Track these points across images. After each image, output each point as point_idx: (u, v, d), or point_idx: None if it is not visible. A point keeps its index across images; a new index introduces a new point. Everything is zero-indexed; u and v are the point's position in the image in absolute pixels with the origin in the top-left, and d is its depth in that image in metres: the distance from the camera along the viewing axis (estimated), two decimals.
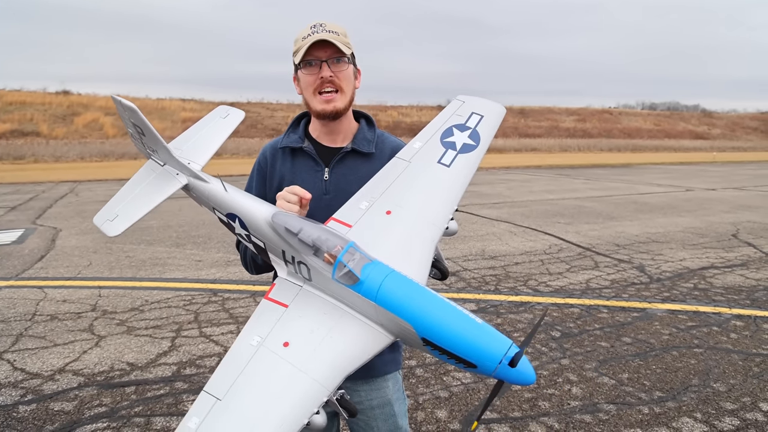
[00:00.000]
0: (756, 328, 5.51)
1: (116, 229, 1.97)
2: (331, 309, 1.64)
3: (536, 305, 6.18)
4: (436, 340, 1.51)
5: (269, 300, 1.71)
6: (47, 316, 5.87)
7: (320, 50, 1.93)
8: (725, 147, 58.20)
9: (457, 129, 2.02)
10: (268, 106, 57.61)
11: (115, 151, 36.72)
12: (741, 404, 4.00)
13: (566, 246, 9.40)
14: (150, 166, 2.07)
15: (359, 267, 1.58)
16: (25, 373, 4.52)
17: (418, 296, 1.55)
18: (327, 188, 2.05)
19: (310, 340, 1.58)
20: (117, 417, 3.85)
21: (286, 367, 1.53)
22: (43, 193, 17.77)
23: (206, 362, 4.72)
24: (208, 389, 1.51)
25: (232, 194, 1.88)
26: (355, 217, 1.83)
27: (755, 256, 8.67)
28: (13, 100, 46.28)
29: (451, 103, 2.14)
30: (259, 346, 1.58)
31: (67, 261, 8.40)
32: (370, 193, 1.89)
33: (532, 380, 1.48)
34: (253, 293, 6.65)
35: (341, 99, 1.99)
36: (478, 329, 1.49)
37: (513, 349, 1.46)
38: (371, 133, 2.13)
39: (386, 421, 2.14)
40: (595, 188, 19.19)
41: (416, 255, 1.74)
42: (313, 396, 1.47)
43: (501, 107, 2.13)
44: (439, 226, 1.81)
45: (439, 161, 1.94)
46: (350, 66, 2.01)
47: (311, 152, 2.08)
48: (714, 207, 14.25)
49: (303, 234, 1.67)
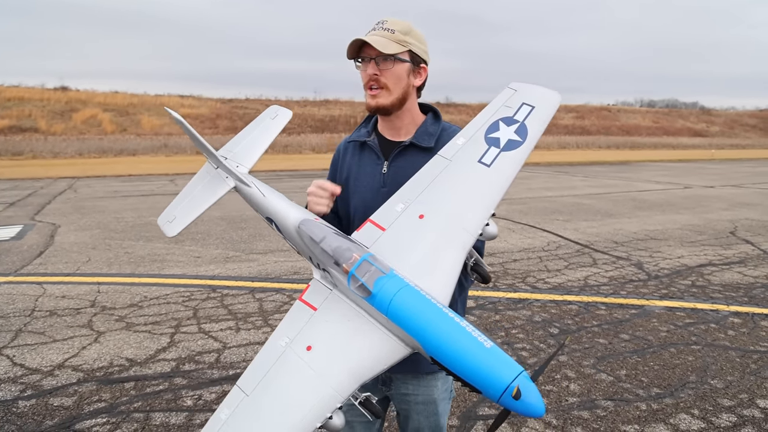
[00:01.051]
0: (753, 325, 5.53)
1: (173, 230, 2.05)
2: (354, 316, 1.65)
3: (534, 302, 6.20)
4: (442, 360, 1.48)
5: (302, 302, 1.74)
6: (46, 311, 5.88)
7: (370, 48, 1.95)
8: (724, 144, 58.27)
9: (504, 123, 1.88)
10: (266, 103, 57.44)
11: (114, 147, 36.68)
12: (738, 401, 4.02)
13: (564, 243, 9.41)
14: (206, 169, 2.15)
15: (372, 280, 1.58)
16: (25, 368, 4.53)
17: (429, 313, 1.51)
18: (384, 181, 2.07)
19: (330, 345, 1.61)
20: (116, 412, 3.86)
21: (307, 371, 1.57)
22: (41, 189, 17.75)
23: (205, 358, 4.73)
24: (240, 384, 1.61)
25: (269, 198, 1.94)
26: (389, 220, 1.79)
27: (753, 253, 8.70)
28: (12, 96, 46.19)
29: (502, 92, 1.96)
30: (287, 347, 1.63)
31: (65, 257, 8.39)
32: (408, 194, 1.83)
33: (539, 413, 1.39)
34: (252, 289, 6.66)
35: (385, 96, 2.00)
36: (485, 353, 1.44)
37: (521, 379, 1.40)
38: (434, 127, 2.10)
39: (428, 418, 2.17)
40: (593, 185, 19.20)
41: (442, 266, 1.68)
42: (327, 401, 1.51)
43: (556, 95, 1.95)
44: (471, 233, 1.71)
45: (480, 160, 1.82)
46: (402, 64, 1.98)
47: (374, 146, 2.12)
48: (712, 204, 14.27)
49: (324, 243, 1.70)
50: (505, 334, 5.21)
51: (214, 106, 53.34)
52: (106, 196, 15.77)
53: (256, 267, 7.75)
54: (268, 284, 6.88)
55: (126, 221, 11.52)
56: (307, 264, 8.29)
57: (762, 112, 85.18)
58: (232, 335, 5.23)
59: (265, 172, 23.04)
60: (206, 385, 4.26)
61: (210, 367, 4.56)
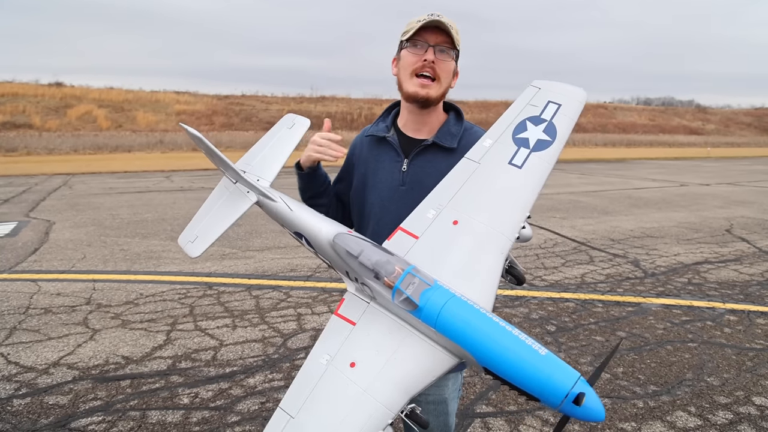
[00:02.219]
0: (749, 322, 5.54)
1: (197, 250, 1.98)
2: (397, 329, 1.61)
3: (532, 299, 6.20)
4: (497, 371, 1.45)
5: (339, 317, 1.69)
6: (41, 309, 5.85)
7: (431, 35, 1.92)
8: (719, 142, 58.40)
9: (531, 122, 1.84)
10: (263, 99, 57.42)
11: (109, 143, 36.52)
12: (734, 398, 4.03)
13: (561, 240, 9.42)
14: (224, 184, 2.08)
15: (418, 293, 1.54)
16: (20, 366, 4.50)
17: (480, 323, 1.48)
18: (404, 179, 2.04)
19: (375, 361, 1.56)
20: (112, 411, 3.84)
21: (353, 388, 1.53)
22: (36, 185, 17.66)
23: (201, 356, 4.71)
24: (283, 406, 1.55)
25: (297, 213, 1.87)
26: (422, 228, 1.74)
27: (749, 251, 8.72)
28: (6, 92, 45.92)
29: (526, 90, 1.93)
30: (328, 365, 1.59)
31: (61, 254, 8.35)
32: (438, 199, 1.78)
33: (600, 418, 1.38)
34: (248, 287, 6.64)
35: (436, 88, 1.96)
36: (541, 361, 1.41)
37: (580, 386, 1.37)
38: (457, 127, 2.07)
39: (438, 417, 2.16)
40: (590, 183, 19.24)
41: (483, 271, 1.66)
42: (377, 418, 1.48)
43: (581, 92, 1.92)
44: (508, 236, 1.69)
45: (510, 162, 1.78)
46: (453, 62, 1.98)
47: (394, 142, 2.08)
48: (708, 202, 14.31)
49: (363, 257, 1.65)
50: None
51: (210, 103, 53.16)
52: (102, 193, 15.70)
53: (253, 264, 7.73)
54: (265, 281, 6.86)
55: (121, 218, 11.47)
56: (306, 262, 8.23)
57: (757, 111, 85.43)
58: (228, 333, 5.21)
59: None
60: (203, 383, 4.24)
61: (206, 365, 4.54)
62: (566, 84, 1.93)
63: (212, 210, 2.05)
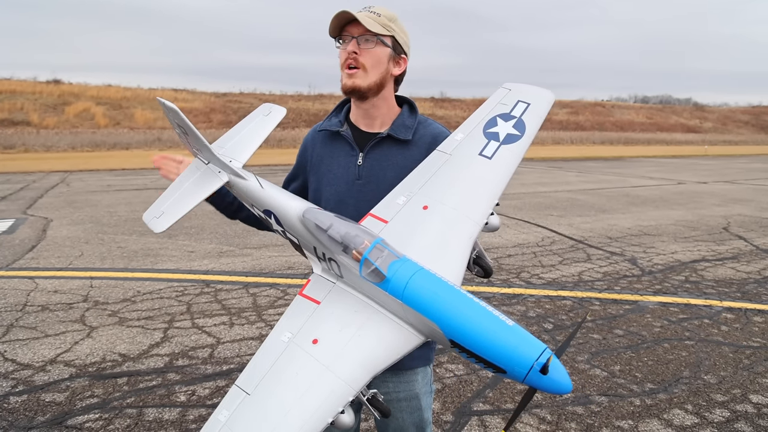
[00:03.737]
0: (746, 320, 5.55)
1: (161, 225, 1.96)
2: (362, 307, 1.61)
3: (529, 297, 6.20)
4: (464, 342, 1.45)
5: (303, 296, 1.69)
6: (38, 306, 5.84)
7: (354, 27, 1.93)
8: (717, 140, 58.49)
9: (502, 119, 1.93)
10: (261, 97, 57.34)
11: (107, 141, 36.46)
12: (731, 396, 4.03)
13: (559, 238, 9.43)
14: (195, 164, 2.08)
15: (386, 264, 1.54)
16: (16, 363, 4.49)
17: (447, 295, 1.48)
18: (360, 173, 2.03)
19: (339, 338, 1.55)
20: (109, 408, 3.83)
21: (314, 365, 1.51)
22: (33, 183, 17.63)
23: (198, 353, 4.71)
24: (239, 383, 1.52)
25: (268, 191, 1.88)
26: (391, 213, 1.78)
27: (746, 249, 8.73)
28: (3, 89, 45.82)
29: (496, 92, 2.03)
30: (290, 342, 1.57)
31: (58, 251, 8.34)
32: (409, 187, 1.83)
33: (567, 389, 1.38)
34: (246, 284, 6.63)
35: (362, 77, 1.95)
36: (509, 332, 1.41)
37: (546, 354, 1.37)
38: (411, 119, 2.08)
39: (412, 414, 2.14)
40: (587, 181, 19.24)
41: (451, 252, 1.68)
42: (339, 395, 1.45)
43: (549, 94, 2.02)
44: (477, 222, 1.74)
45: (481, 153, 1.85)
46: (383, 48, 1.96)
47: (348, 137, 2.07)
48: (705, 200, 14.33)
49: (332, 230, 1.64)
50: None
51: (208, 100, 53.10)
52: (99, 190, 15.68)
53: (250, 262, 7.72)
54: (262, 279, 6.85)
55: (119, 215, 11.45)
56: (303, 260, 8.22)
57: (755, 109, 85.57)
58: (225, 330, 5.21)
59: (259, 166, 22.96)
60: (200, 380, 4.24)
61: (204, 363, 4.54)
62: (536, 86, 2.03)
63: (181, 188, 2.05)
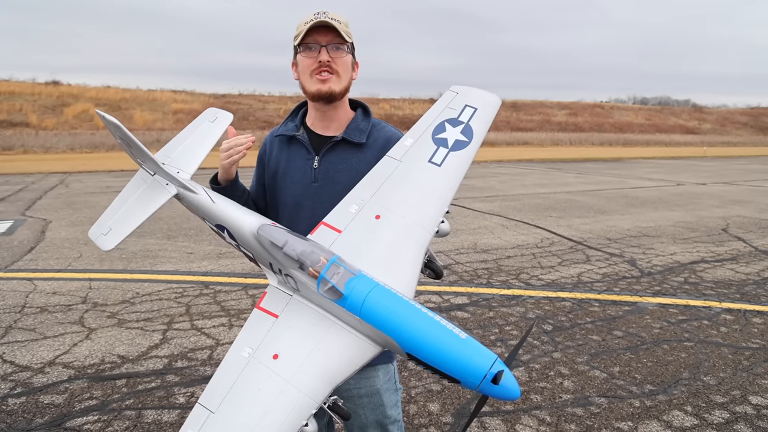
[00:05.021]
0: (746, 321, 5.55)
1: (109, 243, 1.93)
2: (320, 320, 1.63)
3: (528, 298, 6.20)
4: (420, 355, 1.52)
5: (260, 309, 1.70)
6: (37, 308, 5.83)
7: (321, 35, 1.94)
8: (715, 142, 58.57)
9: (450, 124, 1.96)
10: (259, 98, 57.41)
11: (106, 142, 36.42)
12: (731, 397, 4.03)
13: (558, 240, 9.43)
14: (141, 176, 2.03)
15: (343, 282, 1.57)
16: (15, 365, 4.48)
17: (402, 310, 1.53)
18: (316, 176, 2.06)
19: (298, 352, 1.57)
20: (108, 410, 3.82)
21: (276, 380, 1.53)
22: (32, 184, 17.61)
23: (198, 355, 4.70)
24: (202, 401, 1.53)
25: (220, 205, 1.88)
26: (344, 222, 1.80)
27: (745, 250, 8.74)
28: (2, 90, 45.83)
29: (444, 95, 2.06)
30: (250, 358, 1.58)
31: (57, 253, 8.33)
32: (360, 195, 1.85)
33: (516, 396, 1.47)
34: (245, 286, 6.63)
35: (337, 82, 1.98)
36: (461, 344, 1.48)
37: (497, 365, 1.45)
38: (365, 123, 2.11)
39: (374, 410, 2.14)
40: (586, 182, 19.25)
41: (404, 263, 1.72)
42: (301, 408, 1.48)
43: (496, 98, 2.06)
44: (428, 230, 1.77)
45: (430, 160, 1.88)
46: (349, 55, 2.01)
47: (304, 140, 2.10)
48: (704, 201, 14.33)
49: (287, 248, 1.67)
50: (498, 331, 5.21)
51: (206, 102, 53.09)
52: (98, 192, 15.66)
53: (249, 263, 7.69)
54: (261, 280, 6.84)
55: None
56: None
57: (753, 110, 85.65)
58: (224, 332, 5.21)
59: None
60: (199, 382, 4.23)
61: (203, 364, 4.53)
62: (482, 90, 2.07)
63: (127, 202, 2.01)
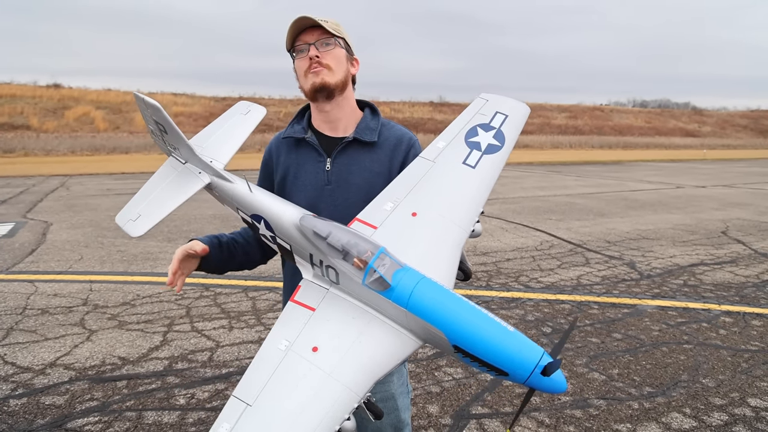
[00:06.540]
0: (745, 324, 5.57)
1: (139, 229, 1.87)
2: (360, 313, 1.61)
3: (527, 301, 6.21)
4: (468, 348, 1.50)
5: (296, 303, 1.67)
6: (38, 310, 5.84)
7: (308, 35, 1.95)
8: (715, 144, 58.64)
9: (482, 129, 1.98)
10: (260, 102, 57.33)
11: (106, 145, 36.51)
12: (730, 399, 4.04)
13: (557, 242, 9.44)
14: (171, 164, 1.97)
15: (390, 273, 1.56)
16: (16, 367, 4.50)
17: (450, 303, 1.53)
18: (329, 178, 2.03)
19: (339, 344, 1.55)
20: (108, 411, 3.84)
21: (316, 373, 1.49)
22: (33, 186, 17.64)
23: (198, 357, 4.72)
24: (237, 394, 1.48)
25: (258, 195, 1.84)
26: (380, 219, 1.79)
27: (744, 253, 8.75)
28: (3, 93, 45.92)
29: (474, 102, 2.09)
30: (288, 350, 1.54)
31: (58, 255, 8.35)
32: (395, 193, 1.84)
33: (563, 389, 1.48)
34: (245, 288, 6.64)
35: (329, 74, 1.96)
36: (510, 337, 1.48)
37: (545, 358, 1.46)
38: (374, 122, 2.10)
39: (389, 415, 2.13)
40: (586, 185, 19.27)
41: (444, 259, 1.71)
42: (344, 402, 1.45)
43: (525, 107, 2.09)
44: (465, 229, 1.78)
45: (464, 162, 1.90)
46: (341, 49, 2.00)
47: (313, 143, 2.06)
48: (704, 204, 14.35)
49: (332, 238, 1.64)
50: None
51: (207, 105, 53.19)
52: (99, 194, 15.69)
53: None
54: (261, 283, 6.86)
55: None
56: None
57: (753, 113, 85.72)
58: (225, 334, 5.22)
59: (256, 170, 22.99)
60: (199, 383, 4.25)
61: (203, 366, 4.55)
62: (512, 98, 2.10)
63: (156, 190, 1.94)
